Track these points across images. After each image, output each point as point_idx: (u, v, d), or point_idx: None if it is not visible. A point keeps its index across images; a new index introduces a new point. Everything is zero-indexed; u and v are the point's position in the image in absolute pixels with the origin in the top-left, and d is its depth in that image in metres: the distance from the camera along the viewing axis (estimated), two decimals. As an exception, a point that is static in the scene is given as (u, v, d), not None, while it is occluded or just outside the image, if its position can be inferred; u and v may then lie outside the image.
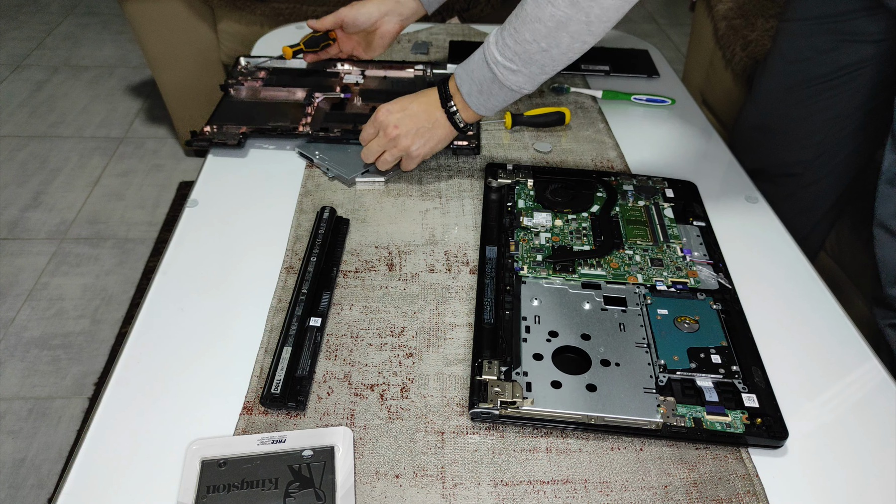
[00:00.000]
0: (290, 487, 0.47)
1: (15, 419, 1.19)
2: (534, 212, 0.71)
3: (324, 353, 0.57)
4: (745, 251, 0.69)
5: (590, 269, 0.64)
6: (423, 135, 0.71)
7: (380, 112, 0.72)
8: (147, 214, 1.66)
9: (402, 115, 0.71)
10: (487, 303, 0.60)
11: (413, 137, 0.71)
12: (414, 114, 0.70)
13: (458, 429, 0.52)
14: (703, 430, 0.50)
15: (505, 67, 0.63)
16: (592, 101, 0.95)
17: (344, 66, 0.95)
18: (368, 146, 0.74)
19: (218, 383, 0.54)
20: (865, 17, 0.79)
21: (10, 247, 1.55)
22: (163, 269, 0.64)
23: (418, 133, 0.71)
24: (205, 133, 0.81)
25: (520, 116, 0.87)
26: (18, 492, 1.08)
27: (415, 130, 0.71)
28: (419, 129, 0.71)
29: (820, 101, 0.88)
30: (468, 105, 0.68)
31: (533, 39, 0.60)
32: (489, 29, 1.14)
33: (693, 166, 0.82)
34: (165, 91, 1.62)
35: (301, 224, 0.70)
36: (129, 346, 0.57)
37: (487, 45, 0.64)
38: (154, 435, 0.50)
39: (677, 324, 0.59)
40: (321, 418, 0.52)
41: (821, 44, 0.84)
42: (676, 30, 2.68)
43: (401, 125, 0.70)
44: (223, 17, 1.47)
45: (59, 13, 2.60)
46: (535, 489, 0.48)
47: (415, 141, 0.71)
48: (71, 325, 1.36)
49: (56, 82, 2.17)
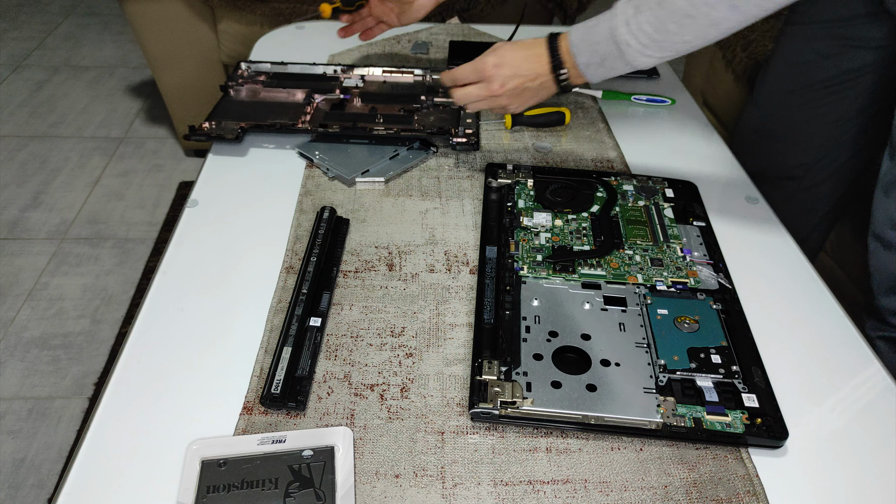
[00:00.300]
0: (290, 487, 0.47)
1: (15, 419, 1.19)
2: (534, 212, 0.71)
3: (324, 353, 0.57)
4: (745, 251, 0.69)
5: (590, 269, 0.64)
6: (524, 95, 0.69)
7: (488, 62, 0.68)
8: (147, 214, 1.66)
9: (510, 73, 0.67)
10: (487, 303, 0.60)
11: (515, 98, 0.69)
12: (523, 74, 0.67)
13: (458, 429, 0.52)
14: (703, 430, 0.50)
15: (636, 51, 0.61)
16: (592, 101, 0.95)
17: (344, 69, 0.94)
18: (466, 91, 0.71)
19: (218, 383, 0.54)
20: (868, 23, 0.79)
21: (10, 247, 1.55)
22: (163, 269, 0.64)
23: (522, 94, 0.69)
24: (203, 128, 0.81)
25: (520, 116, 0.87)
26: (18, 492, 1.08)
27: (519, 90, 0.68)
28: (524, 89, 0.68)
29: (821, 105, 0.87)
30: (582, 74, 0.66)
31: (678, 32, 0.59)
32: (489, 29, 1.14)
33: (693, 166, 0.82)
34: (165, 91, 1.62)
35: (301, 224, 0.70)
36: (129, 346, 0.57)
37: (615, 24, 0.61)
38: (154, 435, 0.50)
39: (677, 324, 0.59)
40: (321, 418, 0.52)
41: (823, 48, 0.84)
42: (676, 30, 2.67)
43: (507, 84, 0.68)
44: (223, 17, 1.47)
45: (60, 13, 2.60)
46: (535, 489, 0.48)
47: (515, 101, 0.70)
48: (71, 325, 1.36)
49: (56, 82, 2.17)
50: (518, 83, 0.68)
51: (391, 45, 1.07)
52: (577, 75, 0.66)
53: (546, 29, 1.15)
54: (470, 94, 0.71)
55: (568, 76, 0.67)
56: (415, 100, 0.89)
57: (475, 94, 0.70)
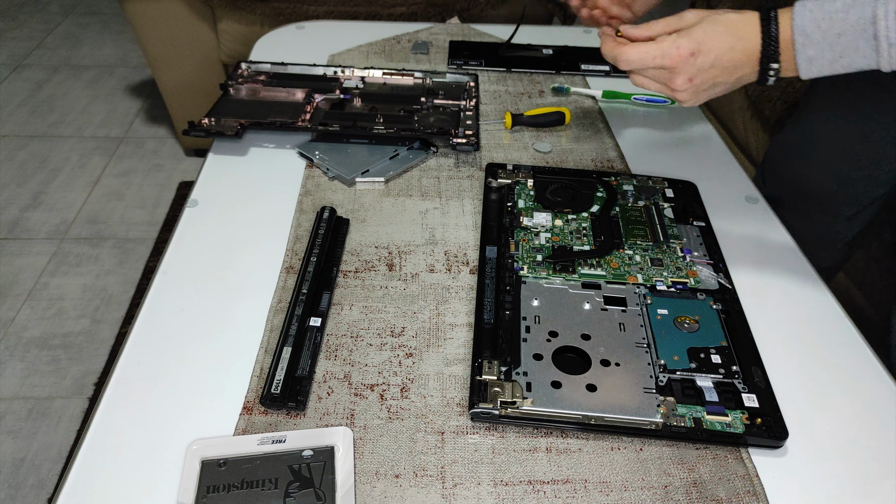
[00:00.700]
0: (290, 487, 0.47)
1: (15, 419, 1.19)
2: (534, 212, 0.71)
3: (324, 353, 0.57)
4: (745, 251, 0.69)
5: (590, 269, 0.64)
6: (712, 91, 0.57)
7: (682, 48, 0.55)
8: (147, 214, 1.66)
9: (707, 64, 0.55)
10: (487, 303, 0.60)
11: (699, 94, 0.57)
12: (722, 66, 0.55)
13: (458, 429, 0.52)
14: (703, 430, 0.50)
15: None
16: (592, 101, 0.95)
17: (344, 71, 0.94)
18: (644, 76, 0.58)
19: (218, 383, 0.54)
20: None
21: (10, 247, 1.55)
22: (163, 269, 0.64)
23: (709, 90, 0.57)
24: (202, 124, 0.81)
25: (520, 116, 0.87)
26: (18, 492, 1.08)
27: (708, 85, 0.56)
28: (714, 85, 0.57)
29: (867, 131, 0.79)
30: (798, 69, 0.53)
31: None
32: (489, 29, 1.14)
33: (693, 166, 0.82)
34: (165, 91, 1.63)
35: (301, 224, 0.70)
36: (129, 346, 0.57)
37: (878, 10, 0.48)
38: (154, 435, 0.50)
39: (677, 324, 0.59)
40: (321, 418, 0.52)
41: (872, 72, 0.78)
42: (676, 30, 2.67)
43: (696, 78, 0.55)
44: (223, 17, 1.47)
45: (59, 13, 2.60)
46: (535, 489, 0.48)
47: (694, 98, 0.58)
48: (71, 325, 1.36)
49: (56, 82, 2.17)
50: (711, 77, 0.55)
51: (391, 45, 1.07)
52: (790, 70, 0.54)
53: (547, 28, 1.16)
54: (645, 84, 0.59)
55: (778, 71, 0.54)
56: (415, 101, 0.89)
57: (652, 85, 0.59)
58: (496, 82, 0.98)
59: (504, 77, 1.00)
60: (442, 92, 0.92)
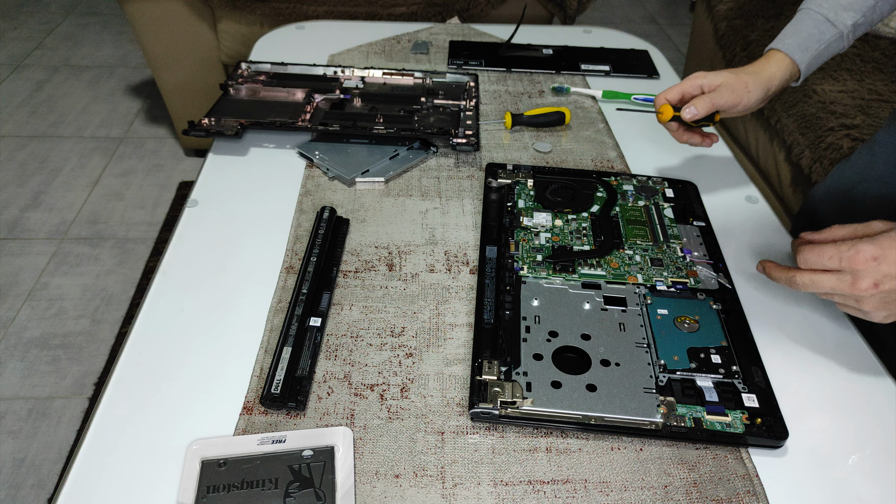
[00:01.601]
0: (290, 487, 0.47)
1: (15, 419, 1.19)
2: (534, 212, 0.71)
3: (324, 353, 0.57)
4: (745, 251, 0.69)
5: (590, 269, 0.64)
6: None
7: (863, 253, 0.50)
8: (147, 214, 1.66)
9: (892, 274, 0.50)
10: (487, 303, 0.60)
11: (885, 306, 0.51)
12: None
13: (458, 429, 0.52)
14: (703, 430, 0.50)
15: None
16: (592, 101, 0.95)
17: (344, 71, 0.94)
18: (817, 279, 0.53)
19: (218, 383, 0.54)
20: None
21: (10, 247, 1.55)
22: (163, 269, 0.64)
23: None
24: (202, 124, 0.81)
25: (520, 116, 0.87)
26: (18, 492, 1.08)
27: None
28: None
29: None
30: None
31: None
32: (489, 29, 1.14)
33: (693, 166, 0.82)
34: (165, 91, 1.63)
35: (301, 224, 0.70)
36: (129, 346, 0.57)
37: None
38: (154, 435, 0.50)
39: (677, 324, 0.59)
40: (321, 418, 0.52)
41: None
42: (676, 30, 2.68)
43: (884, 285, 0.50)
44: (223, 17, 1.47)
45: (59, 13, 2.59)
46: (535, 489, 0.48)
47: (883, 310, 0.51)
48: (71, 325, 1.36)
49: (56, 82, 2.17)
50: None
51: (391, 45, 1.07)
52: None
53: (547, 28, 1.16)
54: (821, 285, 0.53)
55: None
56: (415, 101, 0.89)
57: (829, 286, 0.52)
58: (496, 82, 0.98)
59: (504, 77, 1.00)
60: (442, 92, 0.92)
